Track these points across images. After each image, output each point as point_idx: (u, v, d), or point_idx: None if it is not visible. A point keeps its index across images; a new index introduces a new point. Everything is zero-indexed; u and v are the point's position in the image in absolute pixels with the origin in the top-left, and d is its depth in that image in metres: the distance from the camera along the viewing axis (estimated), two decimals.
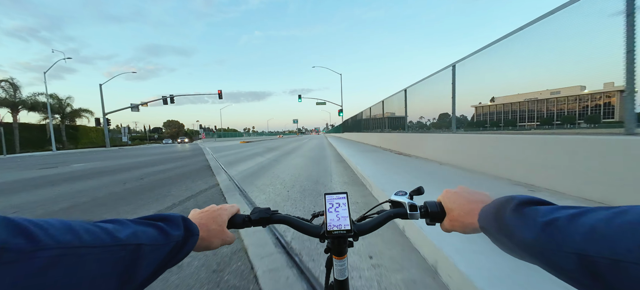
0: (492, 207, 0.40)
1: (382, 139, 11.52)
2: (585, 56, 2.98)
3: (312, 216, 0.61)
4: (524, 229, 0.32)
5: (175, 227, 0.41)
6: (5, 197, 4.77)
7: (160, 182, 5.64)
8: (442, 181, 3.85)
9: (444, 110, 6.69)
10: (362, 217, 0.59)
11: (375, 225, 0.54)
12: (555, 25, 3.12)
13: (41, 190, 5.28)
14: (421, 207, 0.53)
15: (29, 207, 3.98)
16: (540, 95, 4.93)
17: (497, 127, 6.56)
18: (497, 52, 4.14)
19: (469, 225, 0.44)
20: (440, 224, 0.51)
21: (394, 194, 0.56)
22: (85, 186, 5.51)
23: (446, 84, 5.67)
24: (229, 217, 0.54)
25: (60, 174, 7.71)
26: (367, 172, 4.79)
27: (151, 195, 4.34)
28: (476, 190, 0.49)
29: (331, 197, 0.55)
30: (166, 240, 0.38)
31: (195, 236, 0.44)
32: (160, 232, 0.38)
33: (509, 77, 4.26)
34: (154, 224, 0.38)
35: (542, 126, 5.02)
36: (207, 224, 0.49)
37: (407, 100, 8.51)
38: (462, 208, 0.46)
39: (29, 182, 6.43)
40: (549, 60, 3.45)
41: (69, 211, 3.64)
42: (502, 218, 0.36)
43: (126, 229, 0.33)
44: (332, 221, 0.51)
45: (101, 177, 6.66)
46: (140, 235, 0.34)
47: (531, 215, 0.32)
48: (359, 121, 19.26)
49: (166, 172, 7.04)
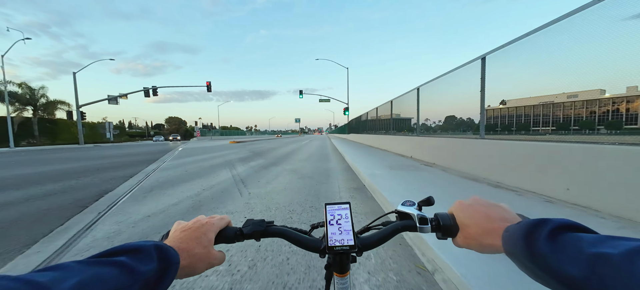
0: (520, 229, 0.34)
1: (407, 144, 8.78)
2: (605, 60, 2.87)
3: (311, 227, 0.57)
4: (565, 261, 0.27)
5: (146, 260, 0.33)
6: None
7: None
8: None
9: (451, 113, 7.33)
10: (366, 228, 0.55)
11: (381, 238, 0.48)
12: (573, 27, 3.06)
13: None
14: (432, 220, 0.47)
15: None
16: (556, 98, 4.52)
17: (508, 131, 6.40)
18: (508, 54, 4.10)
19: (490, 246, 0.39)
20: (453, 240, 0.45)
21: (401, 204, 0.52)
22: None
23: (455, 85, 5.70)
24: (217, 232, 0.46)
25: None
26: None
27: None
28: (492, 202, 0.44)
29: (332, 208, 0.50)
30: (131, 279, 0.31)
31: (175, 265, 0.36)
32: (123, 270, 0.31)
33: (522, 79, 4.15)
34: (113, 262, 0.31)
35: (558, 131, 4.75)
36: (189, 248, 0.40)
37: (415, 101, 8.21)
38: (480, 225, 0.41)
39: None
40: (565, 63, 3.29)
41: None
42: (534, 244, 0.31)
43: (70, 278, 0.26)
44: (333, 235, 0.47)
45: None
46: (92, 284, 0.27)
47: (574, 245, 0.28)
48: (365, 122, 17.68)
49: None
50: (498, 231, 0.38)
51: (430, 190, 3.69)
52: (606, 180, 2.60)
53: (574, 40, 3.06)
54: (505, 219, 0.40)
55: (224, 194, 4.14)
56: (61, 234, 2.60)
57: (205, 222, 0.46)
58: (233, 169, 6.96)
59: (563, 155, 3.09)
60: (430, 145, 6.80)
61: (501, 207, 0.43)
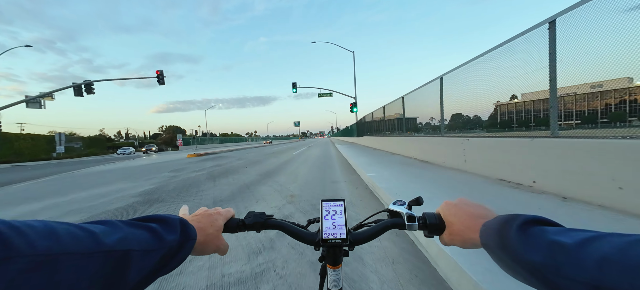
0: (495, 223, 0.39)
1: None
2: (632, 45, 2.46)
3: (308, 222, 0.60)
4: (530, 249, 0.31)
5: (171, 231, 0.39)
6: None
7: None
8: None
9: (457, 111, 6.71)
10: (359, 225, 0.58)
11: (372, 234, 0.53)
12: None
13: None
14: (420, 219, 0.51)
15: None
16: (578, 89, 3.93)
17: (526, 127, 5.53)
18: (516, 48, 3.89)
19: (470, 241, 0.43)
20: (439, 237, 0.49)
21: (392, 203, 0.55)
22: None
23: (457, 84, 5.62)
24: (225, 221, 0.52)
25: None
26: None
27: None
28: (476, 203, 0.47)
29: (328, 204, 0.55)
30: (159, 244, 0.36)
31: (192, 240, 0.42)
32: (153, 235, 0.36)
33: (534, 73, 3.74)
34: (147, 226, 0.37)
35: (583, 125, 4.17)
36: (204, 228, 0.46)
37: (418, 100, 8.03)
38: (463, 222, 0.45)
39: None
40: (587, 52, 2.90)
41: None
42: (506, 236, 0.35)
43: (116, 233, 0.32)
44: (327, 229, 0.51)
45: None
46: (130, 240, 0.32)
47: (538, 236, 0.31)
48: (381, 122, 13.52)
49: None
50: (477, 227, 0.41)
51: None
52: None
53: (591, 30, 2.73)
54: (485, 217, 0.43)
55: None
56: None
57: (214, 211, 0.51)
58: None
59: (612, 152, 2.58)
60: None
61: (483, 207, 0.46)
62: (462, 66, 5.38)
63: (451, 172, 5.15)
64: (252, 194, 4.87)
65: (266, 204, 4.09)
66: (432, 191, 3.81)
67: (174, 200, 4.71)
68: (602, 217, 2.34)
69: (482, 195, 3.48)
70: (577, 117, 4.40)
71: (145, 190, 5.83)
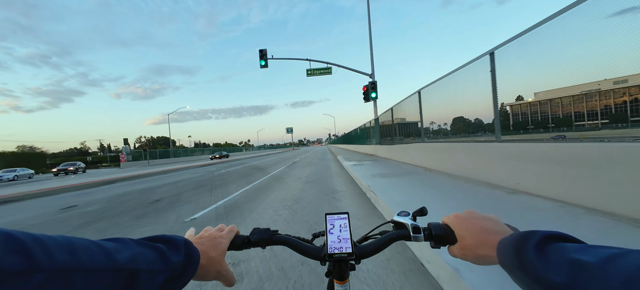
0: (512, 240, 0.37)
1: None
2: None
3: (313, 236, 0.61)
4: (550, 269, 0.30)
5: (176, 252, 0.38)
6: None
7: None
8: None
9: (459, 114, 6.37)
10: (364, 237, 0.59)
11: (377, 247, 0.52)
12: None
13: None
14: (425, 229, 0.51)
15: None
16: (600, 86, 3.85)
17: (544, 129, 5.11)
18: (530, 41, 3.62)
19: (485, 258, 0.42)
20: (449, 249, 0.49)
21: (397, 215, 0.56)
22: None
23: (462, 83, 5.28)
24: (229, 242, 0.51)
25: None
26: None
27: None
28: (486, 215, 0.47)
29: (332, 218, 0.55)
30: (165, 266, 0.35)
31: (195, 264, 0.41)
32: (159, 256, 0.35)
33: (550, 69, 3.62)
34: (155, 247, 0.36)
35: (610, 125, 4.00)
36: (207, 251, 0.45)
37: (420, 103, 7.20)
38: (476, 237, 0.44)
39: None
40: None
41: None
42: (523, 254, 0.33)
43: (126, 250, 0.32)
44: (333, 243, 0.51)
45: None
46: (139, 259, 0.33)
47: (558, 254, 0.30)
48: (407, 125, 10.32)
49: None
50: (492, 243, 0.40)
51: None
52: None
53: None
54: (499, 232, 0.42)
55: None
56: None
57: (218, 233, 0.50)
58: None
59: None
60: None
61: (493, 220, 0.45)
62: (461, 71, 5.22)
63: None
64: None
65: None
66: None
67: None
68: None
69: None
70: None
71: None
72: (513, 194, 3.76)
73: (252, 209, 4.64)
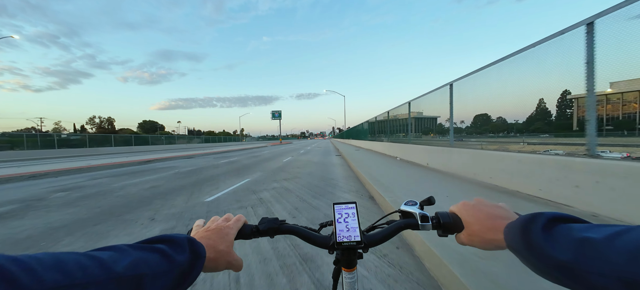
0: (518, 223, 0.38)
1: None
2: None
3: (320, 226, 0.62)
4: (557, 248, 0.31)
5: (180, 251, 0.38)
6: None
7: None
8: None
9: (482, 111, 5.83)
10: (372, 227, 0.59)
11: (385, 236, 0.53)
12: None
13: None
14: (433, 218, 0.52)
15: None
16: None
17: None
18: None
19: (492, 242, 0.43)
20: (456, 236, 0.50)
21: (404, 204, 0.56)
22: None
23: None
24: (237, 232, 0.51)
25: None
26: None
27: None
28: (493, 203, 0.48)
29: (340, 207, 0.56)
30: (170, 266, 0.35)
31: (202, 259, 0.41)
32: (163, 257, 0.35)
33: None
34: (156, 248, 0.36)
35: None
36: (214, 244, 0.45)
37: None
38: (483, 223, 0.45)
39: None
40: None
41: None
42: (530, 236, 0.34)
43: (125, 258, 0.31)
44: (341, 232, 0.52)
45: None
46: (141, 264, 0.32)
47: (564, 234, 0.31)
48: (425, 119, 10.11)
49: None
50: (500, 228, 0.42)
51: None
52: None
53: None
54: (506, 217, 0.43)
55: None
56: None
57: (225, 223, 0.51)
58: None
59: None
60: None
61: (501, 207, 0.47)
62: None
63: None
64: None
65: None
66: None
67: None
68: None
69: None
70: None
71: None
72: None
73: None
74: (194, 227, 0.51)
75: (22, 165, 13.93)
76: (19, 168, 12.08)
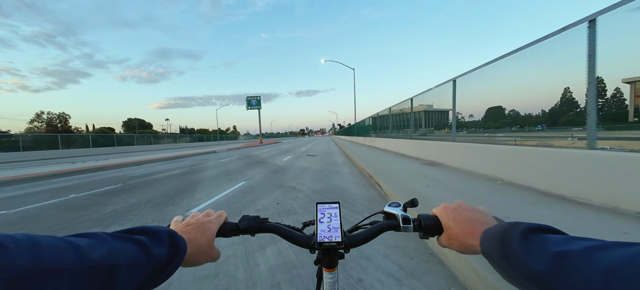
0: (496, 231, 0.38)
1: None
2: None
3: (303, 225, 0.61)
4: (533, 259, 0.31)
5: (160, 244, 0.38)
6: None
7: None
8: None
9: (497, 103, 5.35)
10: (355, 227, 0.60)
11: (367, 237, 0.53)
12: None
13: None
14: (415, 220, 0.52)
15: None
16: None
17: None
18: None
19: (469, 247, 0.43)
20: (437, 239, 0.50)
21: (387, 205, 0.57)
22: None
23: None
24: (218, 228, 0.51)
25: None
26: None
27: None
28: (474, 207, 0.48)
29: (323, 207, 0.55)
30: (147, 258, 0.35)
31: (182, 253, 0.41)
32: (141, 249, 0.35)
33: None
34: (134, 239, 0.35)
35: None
36: (195, 239, 0.45)
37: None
38: (462, 227, 0.45)
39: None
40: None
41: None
42: (507, 244, 0.34)
43: (101, 246, 0.31)
44: (322, 232, 0.52)
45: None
46: (117, 254, 0.31)
47: (541, 244, 0.31)
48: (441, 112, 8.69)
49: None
50: (477, 233, 0.41)
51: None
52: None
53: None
54: (485, 223, 0.43)
55: None
56: None
57: (206, 218, 0.50)
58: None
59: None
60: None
61: (481, 211, 0.47)
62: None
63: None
64: None
65: None
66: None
67: None
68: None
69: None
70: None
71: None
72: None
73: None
74: (172, 223, 0.50)
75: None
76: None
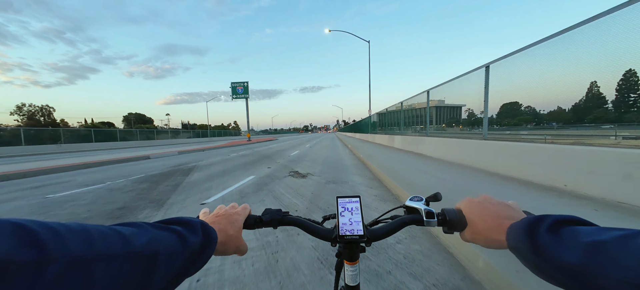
0: (522, 224, 0.37)
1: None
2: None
3: (324, 219, 0.62)
4: (564, 251, 0.30)
5: (193, 233, 0.39)
6: None
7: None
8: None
9: (512, 99, 4.98)
10: (375, 221, 0.59)
11: (389, 231, 0.53)
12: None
13: None
14: (439, 215, 0.51)
15: None
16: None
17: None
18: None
19: (494, 242, 0.42)
20: (460, 234, 0.49)
21: (409, 199, 0.56)
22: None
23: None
24: (244, 220, 0.53)
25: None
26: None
27: None
28: (502, 201, 0.46)
29: (343, 201, 0.55)
30: (184, 247, 0.36)
31: (214, 242, 0.43)
32: (178, 238, 0.36)
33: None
34: (172, 229, 0.37)
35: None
36: (225, 229, 0.47)
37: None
38: (487, 222, 0.44)
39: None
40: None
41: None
42: (536, 238, 0.34)
43: (144, 235, 0.32)
44: (344, 225, 0.52)
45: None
46: (157, 243, 0.33)
47: (571, 236, 0.31)
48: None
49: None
50: (503, 228, 0.40)
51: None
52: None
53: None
54: (512, 217, 0.42)
55: None
56: None
57: (233, 210, 0.52)
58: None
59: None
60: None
61: (509, 206, 0.45)
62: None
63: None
64: None
65: None
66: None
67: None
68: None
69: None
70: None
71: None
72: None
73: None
74: (201, 214, 0.52)
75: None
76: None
